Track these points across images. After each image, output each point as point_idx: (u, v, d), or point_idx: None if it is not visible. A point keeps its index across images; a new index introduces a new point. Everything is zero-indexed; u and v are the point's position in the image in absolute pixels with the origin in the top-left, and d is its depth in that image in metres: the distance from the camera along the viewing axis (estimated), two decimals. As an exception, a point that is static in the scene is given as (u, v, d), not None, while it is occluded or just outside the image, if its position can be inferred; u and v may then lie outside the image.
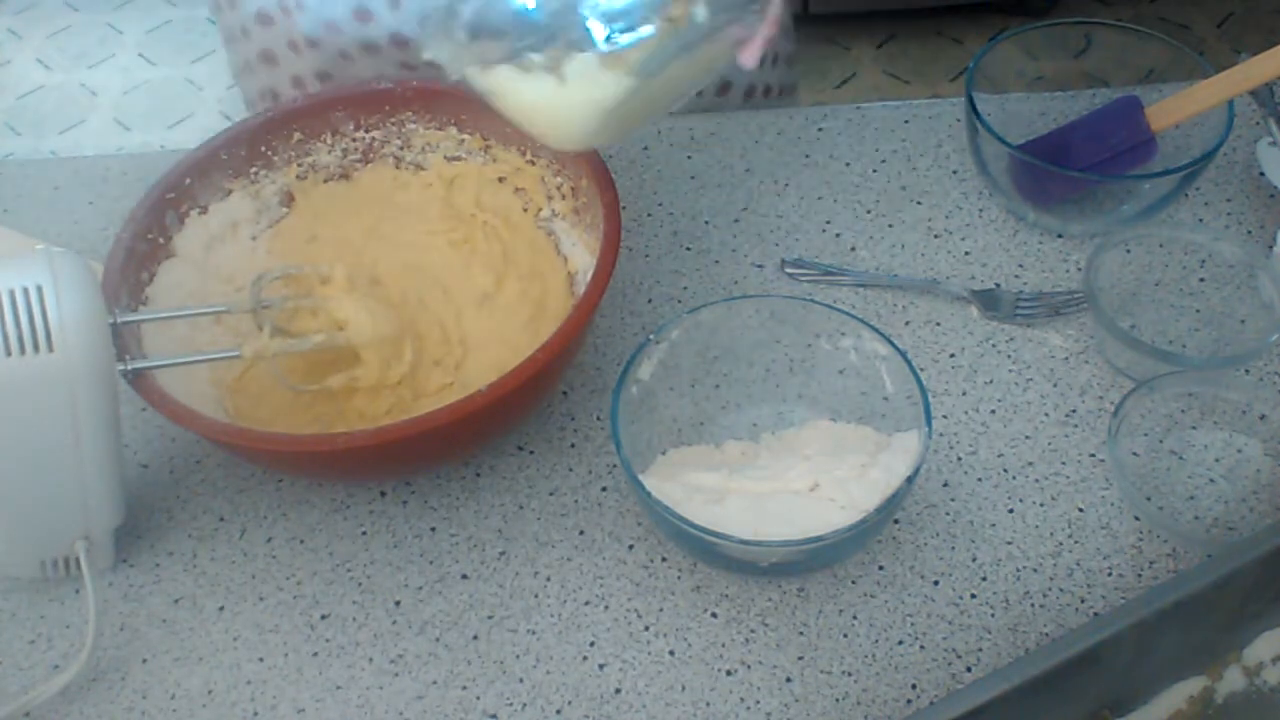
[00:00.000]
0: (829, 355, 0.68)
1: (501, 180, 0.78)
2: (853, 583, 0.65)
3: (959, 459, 0.69)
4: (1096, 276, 0.72)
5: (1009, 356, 0.74)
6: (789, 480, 0.63)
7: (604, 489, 0.70)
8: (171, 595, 0.67)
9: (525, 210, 0.78)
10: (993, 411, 0.71)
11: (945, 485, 0.68)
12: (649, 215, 0.84)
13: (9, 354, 0.56)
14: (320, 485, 0.71)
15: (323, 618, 0.65)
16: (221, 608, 0.66)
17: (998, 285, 0.78)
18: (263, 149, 0.76)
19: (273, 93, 0.94)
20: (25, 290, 0.57)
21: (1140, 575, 0.64)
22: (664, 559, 0.66)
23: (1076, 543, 0.65)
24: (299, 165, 0.77)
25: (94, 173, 0.90)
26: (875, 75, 2.38)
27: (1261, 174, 0.81)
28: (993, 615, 0.63)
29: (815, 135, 0.88)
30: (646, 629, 0.64)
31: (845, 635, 0.63)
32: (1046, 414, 0.71)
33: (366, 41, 0.84)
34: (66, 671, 0.62)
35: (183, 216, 0.73)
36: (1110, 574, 0.64)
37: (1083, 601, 0.63)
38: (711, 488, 0.63)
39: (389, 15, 0.82)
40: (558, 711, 0.61)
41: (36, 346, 0.57)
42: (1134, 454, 0.69)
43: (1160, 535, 0.65)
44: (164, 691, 0.63)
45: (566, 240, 0.76)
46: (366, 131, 0.78)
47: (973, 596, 0.64)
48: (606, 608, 0.65)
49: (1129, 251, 0.75)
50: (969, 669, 0.61)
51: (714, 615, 0.64)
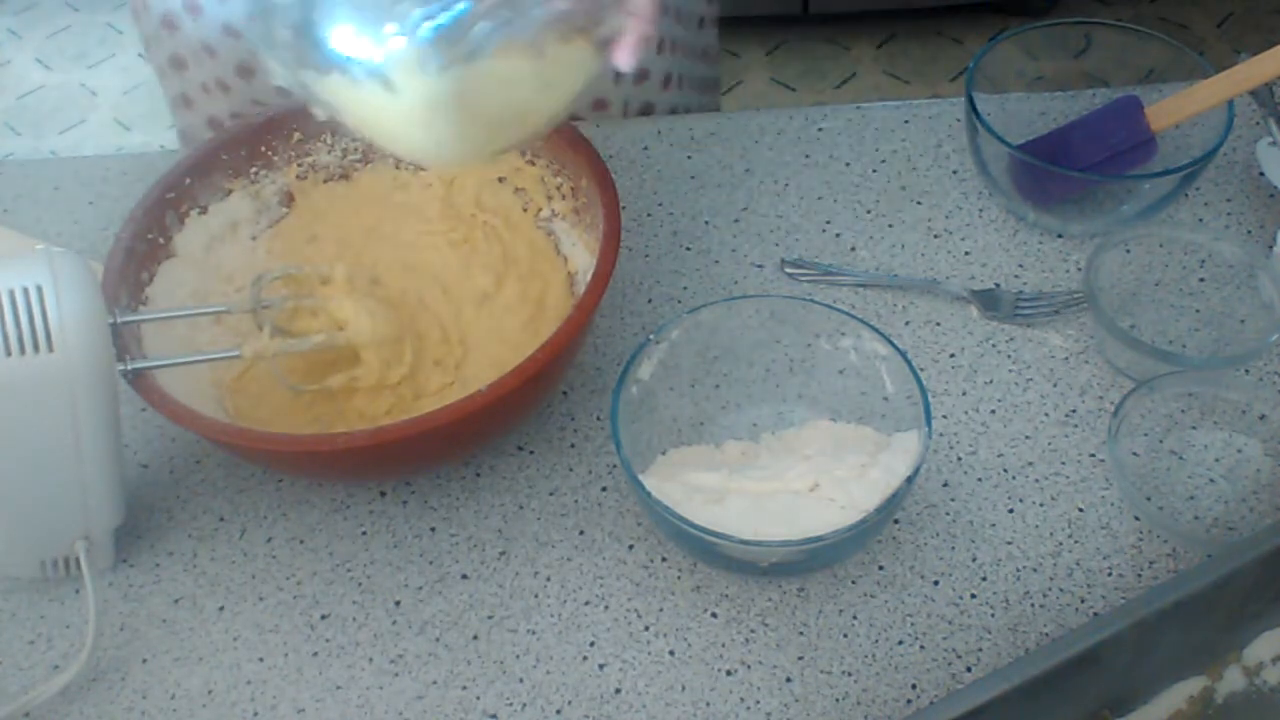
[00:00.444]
0: (829, 355, 0.68)
1: (501, 180, 0.78)
2: (853, 583, 0.65)
3: (959, 459, 0.69)
4: (1096, 276, 0.72)
5: (1009, 356, 0.74)
6: (789, 480, 0.63)
7: (604, 489, 0.70)
8: (171, 595, 0.67)
9: (525, 210, 0.77)
10: (993, 411, 0.71)
11: (945, 485, 0.68)
12: (649, 215, 0.84)
13: (9, 354, 0.56)
14: (320, 485, 0.71)
15: (323, 618, 0.65)
16: (221, 608, 0.66)
17: (998, 285, 0.78)
18: (263, 149, 0.76)
19: (184, 99, 0.92)
20: (25, 290, 0.57)
21: (1140, 575, 0.64)
22: (664, 559, 0.66)
23: (1076, 543, 0.65)
24: (299, 165, 0.77)
25: (94, 173, 0.90)
26: (875, 75, 2.38)
27: (1261, 174, 0.81)
28: (993, 615, 0.63)
29: (815, 135, 0.88)
30: (646, 629, 0.64)
31: (845, 635, 0.63)
32: (1046, 414, 0.71)
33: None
34: (66, 671, 0.62)
35: (183, 216, 0.73)
36: (1110, 574, 0.64)
37: (1083, 601, 0.63)
38: (711, 488, 0.63)
39: (218, 8, 0.72)
40: (558, 711, 0.61)
41: (36, 346, 0.57)
42: (1134, 454, 0.69)
43: (1160, 535, 0.65)
44: (164, 691, 0.63)
45: (566, 240, 0.76)
46: (367, 131, 0.78)
47: (973, 596, 0.64)
48: (606, 608, 0.65)
49: (1129, 251, 0.75)
50: (969, 669, 0.61)
51: (714, 615, 0.64)
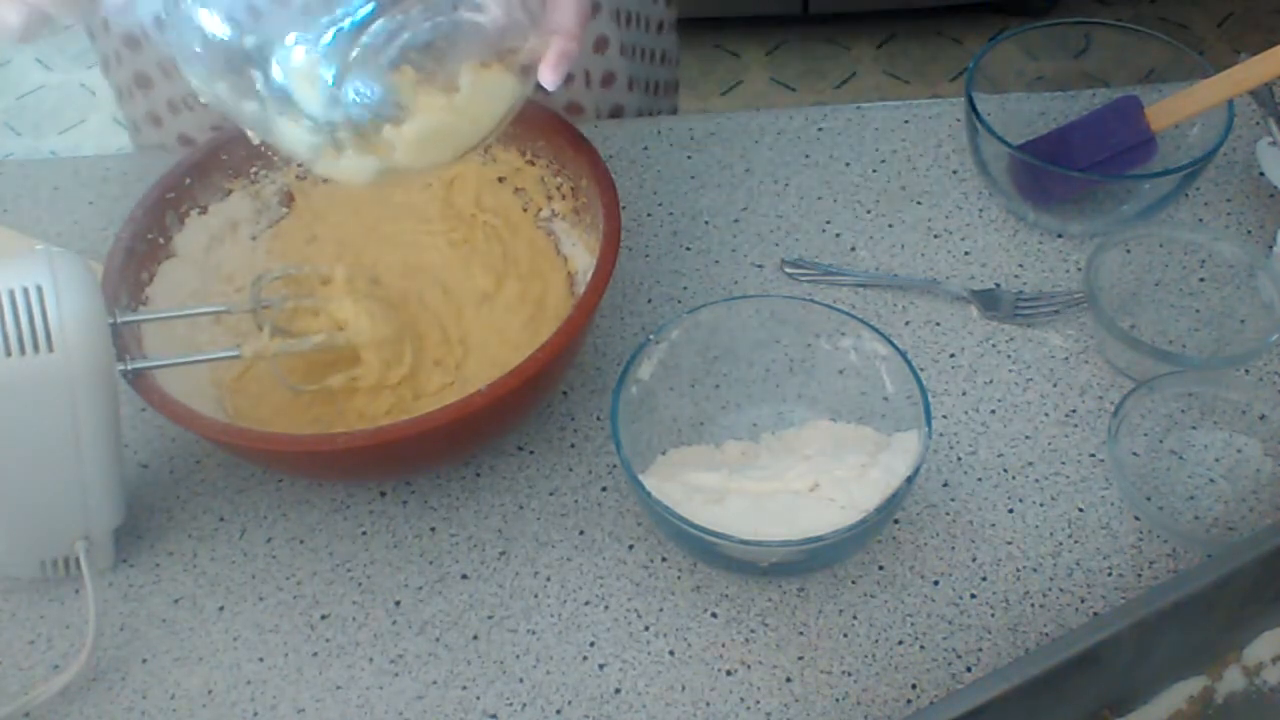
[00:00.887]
0: (829, 355, 0.68)
1: (501, 180, 0.78)
2: (853, 583, 0.65)
3: (959, 459, 0.69)
4: (1096, 276, 0.72)
5: (1009, 356, 0.74)
6: (789, 480, 0.63)
7: (604, 489, 0.70)
8: (171, 595, 0.67)
9: (525, 210, 0.77)
10: (993, 411, 0.71)
11: (945, 485, 0.68)
12: (649, 215, 0.84)
13: (9, 354, 0.56)
14: (320, 485, 0.71)
15: (323, 618, 0.65)
16: (221, 608, 0.66)
17: (998, 285, 0.78)
18: (262, 148, 0.76)
19: (153, 117, 0.92)
20: (25, 290, 0.57)
21: (1140, 575, 0.64)
22: (664, 559, 0.66)
23: (1076, 543, 0.65)
24: (299, 165, 0.77)
25: (94, 173, 0.90)
26: (875, 75, 2.38)
27: (1261, 174, 0.81)
28: (993, 615, 0.63)
29: (815, 135, 0.88)
30: (646, 629, 0.64)
31: (845, 635, 0.63)
32: (1046, 414, 0.71)
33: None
34: (66, 671, 0.62)
35: (183, 216, 0.73)
36: (1110, 574, 0.64)
37: (1083, 601, 0.63)
38: (711, 488, 0.63)
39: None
40: (558, 711, 0.61)
41: (36, 346, 0.57)
42: (1134, 454, 0.69)
43: (1160, 535, 0.65)
44: (164, 691, 0.63)
45: (566, 240, 0.76)
46: (366, 131, 0.78)
47: (973, 596, 0.64)
48: (606, 608, 0.65)
49: (1129, 251, 0.75)
50: (969, 669, 0.61)
51: (714, 615, 0.64)
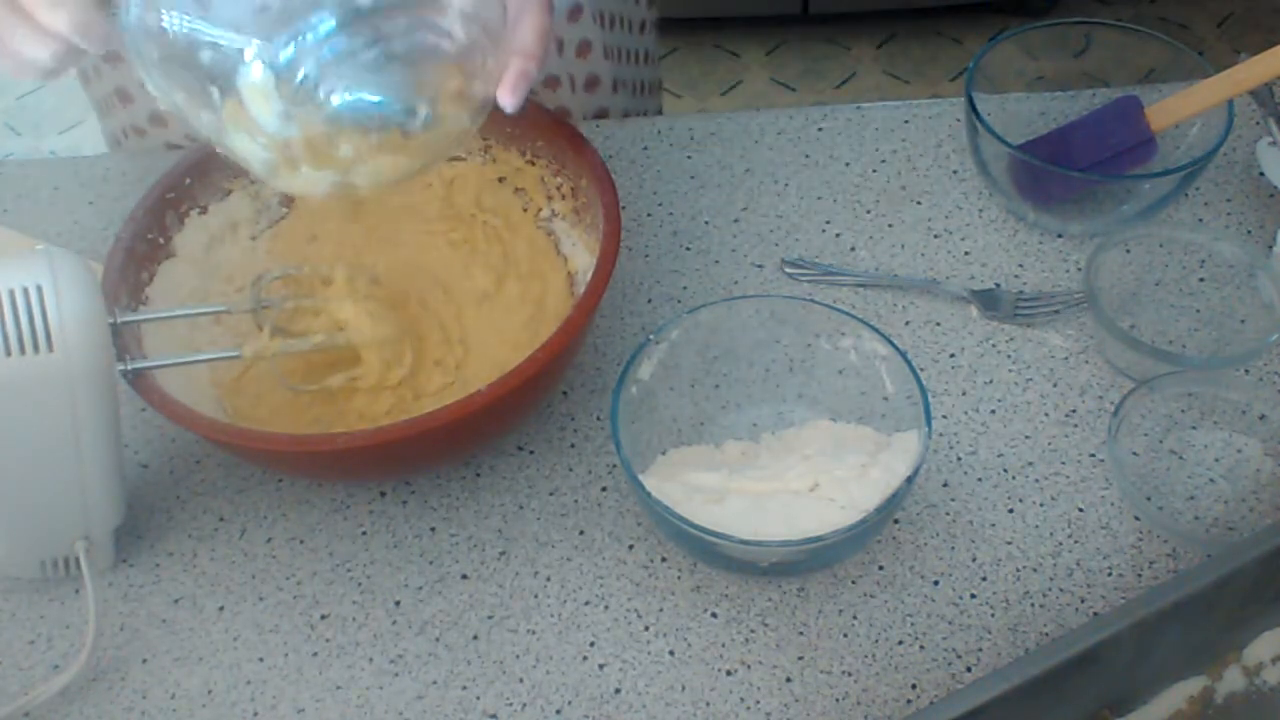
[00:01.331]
0: (829, 355, 0.68)
1: (501, 180, 0.78)
2: (853, 583, 0.65)
3: (959, 459, 0.69)
4: (1096, 276, 0.72)
5: (1009, 356, 0.74)
6: (789, 480, 0.63)
7: (604, 489, 0.70)
8: (171, 595, 0.67)
9: (525, 210, 0.77)
10: (993, 411, 0.71)
11: (945, 485, 0.68)
12: (649, 215, 0.84)
13: (9, 354, 0.56)
14: (320, 485, 0.71)
15: (323, 618, 0.65)
16: (221, 608, 0.66)
17: (998, 285, 0.78)
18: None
19: (135, 129, 0.92)
20: (25, 290, 0.57)
21: (1140, 575, 0.64)
22: (664, 559, 0.66)
23: (1076, 543, 0.65)
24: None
25: (94, 173, 0.90)
26: (875, 75, 2.38)
27: (1261, 174, 0.81)
28: (993, 615, 0.63)
29: (815, 135, 0.88)
30: (646, 629, 0.64)
31: (845, 635, 0.63)
32: (1046, 414, 0.71)
33: None
34: (66, 671, 0.62)
35: (183, 216, 0.73)
36: (1110, 574, 0.64)
37: (1083, 601, 0.63)
38: (711, 488, 0.63)
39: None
40: (558, 711, 0.61)
41: (36, 346, 0.57)
42: (1134, 454, 0.69)
43: (1160, 535, 0.65)
44: (164, 691, 0.63)
45: (566, 240, 0.76)
46: (366, 131, 0.78)
47: (973, 596, 0.64)
48: (606, 608, 0.65)
49: (1129, 251, 0.75)
50: (969, 669, 0.61)
51: (714, 615, 0.64)
